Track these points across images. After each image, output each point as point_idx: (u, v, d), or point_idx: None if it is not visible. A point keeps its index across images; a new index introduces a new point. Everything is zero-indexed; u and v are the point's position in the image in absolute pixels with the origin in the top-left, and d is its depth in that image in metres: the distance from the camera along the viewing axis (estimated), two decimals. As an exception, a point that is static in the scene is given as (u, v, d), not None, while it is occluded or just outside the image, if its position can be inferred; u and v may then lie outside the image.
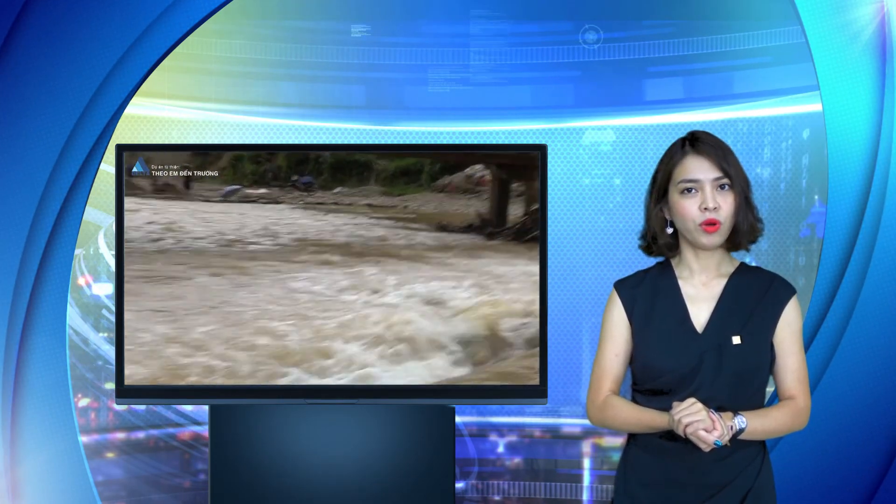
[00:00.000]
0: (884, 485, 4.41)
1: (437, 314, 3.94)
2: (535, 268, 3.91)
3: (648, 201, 2.87)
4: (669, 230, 2.83)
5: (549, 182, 3.85)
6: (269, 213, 3.94)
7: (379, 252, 3.95)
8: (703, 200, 2.76)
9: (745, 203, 2.77)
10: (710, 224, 2.75)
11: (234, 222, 3.93)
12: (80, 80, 4.34)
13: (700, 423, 2.64)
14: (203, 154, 3.90)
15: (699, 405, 2.66)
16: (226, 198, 3.91)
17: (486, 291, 3.95)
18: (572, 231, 5.11)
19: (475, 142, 5.03)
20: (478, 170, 3.96)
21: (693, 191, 2.77)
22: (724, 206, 2.76)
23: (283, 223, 3.95)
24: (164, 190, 3.90)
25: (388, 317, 3.92)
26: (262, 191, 3.94)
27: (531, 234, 3.93)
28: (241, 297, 3.90)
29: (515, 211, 3.94)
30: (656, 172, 2.85)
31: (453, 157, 3.98)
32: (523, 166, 3.93)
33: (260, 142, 5.06)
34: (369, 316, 3.91)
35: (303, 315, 3.90)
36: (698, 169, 2.77)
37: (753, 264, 2.93)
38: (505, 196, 3.96)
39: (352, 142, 5.08)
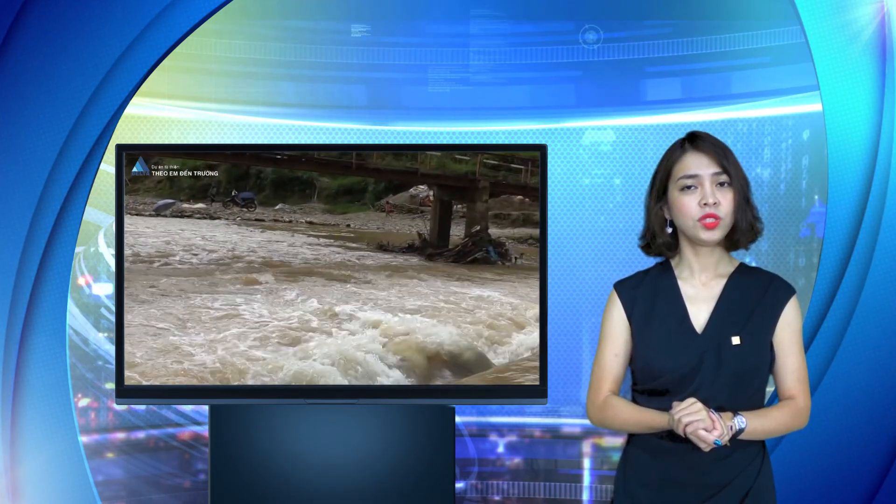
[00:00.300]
0: (885, 485, 4.41)
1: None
2: (472, 291, 3.90)
3: (648, 200, 2.88)
4: (669, 229, 2.84)
5: (549, 182, 3.85)
6: (203, 230, 3.90)
7: (309, 272, 3.91)
8: (703, 196, 2.76)
9: (744, 201, 2.78)
10: (710, 218, 2.75)
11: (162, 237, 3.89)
12: (80, 79, 4.34)
13: (700, 422, 2.64)
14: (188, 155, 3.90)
15: (699, 405, 2.66)
16: (158, 212, 3.88)
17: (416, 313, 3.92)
18: (572, 231, 5.11)
19: (475, 142, 5.03)
20: (421, 190, 3.97)
21: (693, 187, 2.78)
22: (723, 202, 2.76)
23: (215, 240, 3.91)
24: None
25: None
26: (199, 206, 3.90)
27: (472, 255, 3.92)
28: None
29: (457, 232, 3.93)
30: (656, 171, 2.86)
31: (399, 177, 3.97)
32: (463, 188, 3.94)
33: (260, 142, 5.06)
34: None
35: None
36: (698, 165, 2.78)
37: (753, 264, 2.93)
38: (447, 217, 3.94)
39: (352, 142, 5.08)
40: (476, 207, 3.92)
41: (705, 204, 2.76)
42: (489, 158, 3.96)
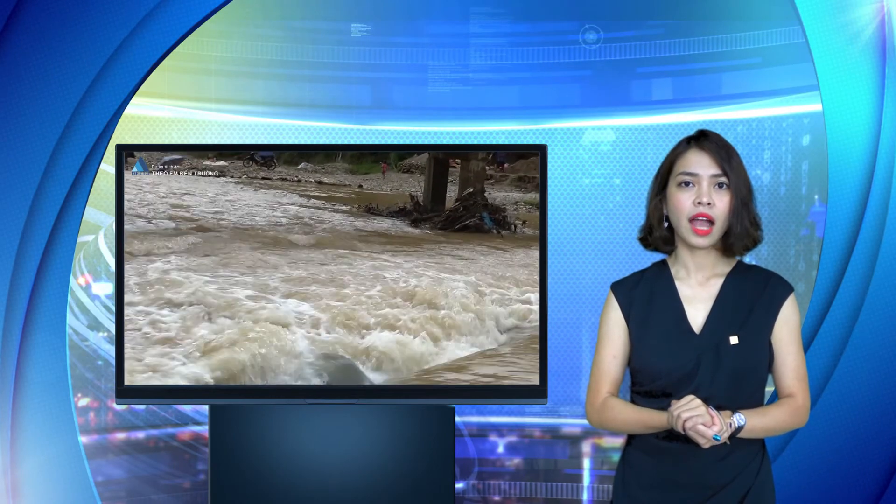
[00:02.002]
0: (890, 488, 4.40)
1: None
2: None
3: (650, 193, 2.88)
4: (665, 224, 2.84)
5: (549, 182, 3.85)
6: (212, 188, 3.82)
7: (275, 241, 3.78)
8: (699, 195, 2.76)
9: (741, 206, 2.77)
10: (702, 218, 2.75)
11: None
12: (74, 75, 4.33)
13: (699, 417, 2.64)
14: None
15: (698, 401, 2.66)
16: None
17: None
18: (572, 231, 5.11)
19: (475, 142, 5.03)
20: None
21: (690, 185, 2.78)
22: (719, 204, 2.76)
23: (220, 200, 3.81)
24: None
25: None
26: (220, 163, 3.81)
27: (461, 222, 3.72)
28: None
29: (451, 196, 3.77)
30: (661, 165, 2.86)
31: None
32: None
33: (260, 142, 5.06)
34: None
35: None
36: (698, 163, 2.78)
37: (752, 263, 2.93)
38: (443, 177, 3.72)
39: (352, 142, 5.08)
40: (469, 166, 3.66)
41: (699, 203, 2.75)
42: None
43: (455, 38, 5.15)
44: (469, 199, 3.64)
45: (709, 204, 2.75)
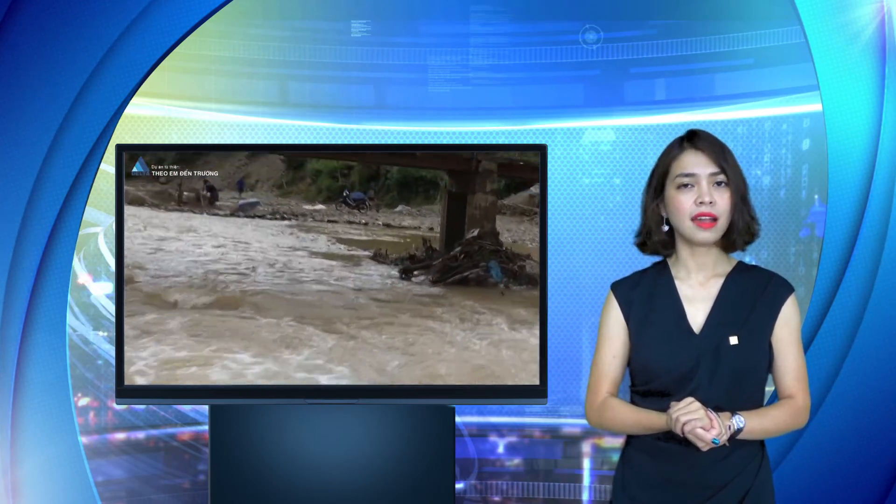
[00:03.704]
0: (894, 490, 4.40)
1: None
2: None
3: (645, 197, 2.88)
4: (665, 227, 2.84)
5: (549, 182, 3.85)
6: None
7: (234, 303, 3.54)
8: (699, 195, 2.76)
9: (740, 202, 2.78)
10: (705, 217, 2.75)
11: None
12: (73, 72, 4.33)
13: (698, 421, 2.64)
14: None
15: (697, 404, 2.66)
16: (242, 210, 3.50)
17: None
18: (572, 231, 5.11)
19: (475, 142, 5.03)
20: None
21: (690, 186, 2.78)
22: (720, 202, 2.76)
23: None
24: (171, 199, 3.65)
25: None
26: (318, 207, 3.43)
27: (457, 273, 3.18)
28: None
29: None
30: (654, 168, 2.86)
31: (395, 160, 3.49)
32: (461, 172, 3.31)
33: (260, 142, 5.06)
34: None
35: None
36: (696, 164, 2.78)
37: (752, 262, 2.93)
38: (459, 215, 3.20)
39: (352, 142, 5.08)
40: (476, 200, 3.07)
41: (701, 202, 2.76)
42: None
43: (455, 38, 5.15)
44: (473, 242, 3.02)
45: (710, 203, 2.75)
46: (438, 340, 3.55)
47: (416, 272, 3.17)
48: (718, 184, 2.77)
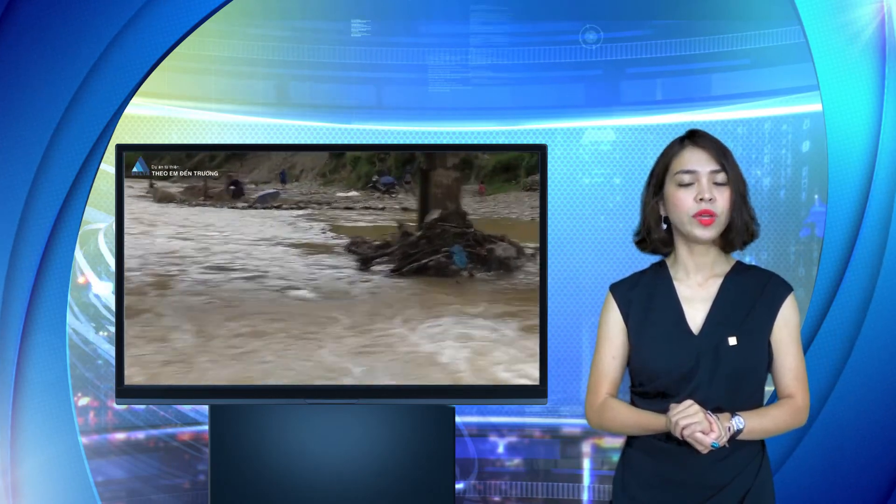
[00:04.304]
0: (895, 493, 4.40)
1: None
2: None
3: (645, 195, 2.88)
4: (664, 226, 2.84)
5: (550, 182, 3.84)
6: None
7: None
8: (700, 192, 2.76)
9: (740, 200, 2.78)
10: (705, 215, 2.75)
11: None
12: (72, 71, 4.32)
13: (697, 425, 2.64)
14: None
15: (696, 407, 2.66)
16: (262, 203, 3.43)
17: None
18: (572, 231, 5.11)
19: (475, 142, 5.03)
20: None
21: (690, 183, 2.78)
22: (719, 199, 2.76)
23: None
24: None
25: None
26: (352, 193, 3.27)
27: (416, 261, 2.95)
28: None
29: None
30: (654, 167, 2.87)
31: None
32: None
33: (260, 142, 5.06)
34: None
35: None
36: (696, 161, 2.78)
37: (752, 262, 2.93)
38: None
39: (352, 142, 5.07)
40: (434, 177, 2.81)
41: (701, 199, 2.76)
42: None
43: (455, 38, 5.15)
44: (435, 226, 2.73)
45: (710, 200, 2.75)
46: (362, 339, 3.51)
47: (376, 261, 2.91)
48: (718, 182, 2.77)
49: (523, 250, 3.04)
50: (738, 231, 2.79)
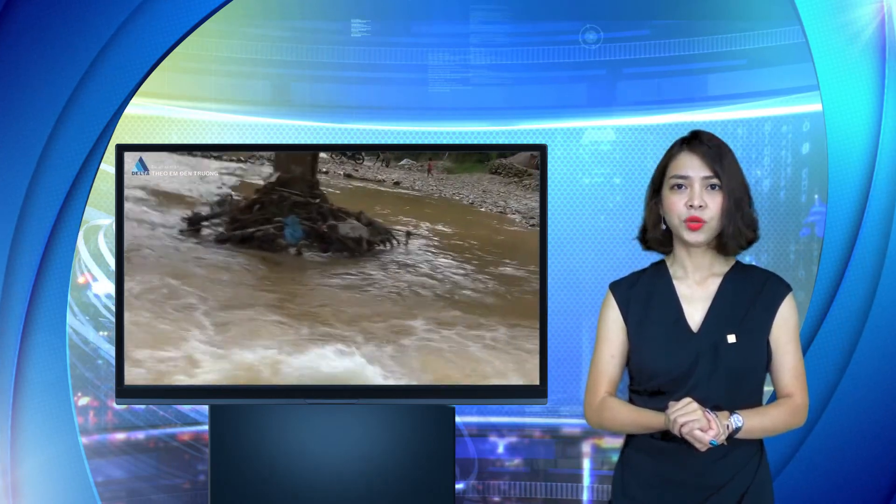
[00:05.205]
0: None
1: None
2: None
3: (647, 195, 2.89)
4: (662, 226, 2.85)
5: (549, 182, 3.85)
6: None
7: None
8: (690, 198, 2.77)
9: (734, 206, 2.76)
10: (693, 221, 2.76)
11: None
12: (71, 70, 4.32)
13: (695, 422, 2.64)
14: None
15: (695, 405, 2.66)
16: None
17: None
18: (572, 231, 5.11)
19: (475, 142, 5.03)
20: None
21: (683, 187, 2.78)
22: (711, 205, 2.76)
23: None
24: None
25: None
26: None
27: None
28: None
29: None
30: (657, 167, 2.87)
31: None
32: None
33: (260, 142, 5.06)
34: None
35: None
36: (689, 166, 2.78)
37: (752, 262, 2.93)
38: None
39: (352, 142, 5.07)
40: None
41: (691, 206, 2.76)
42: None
43: (455, 38, 5.15)
44: (273, 191, 2.27)
45: (700, 206, 2.76)
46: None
47: (204, 224, 2.51)
48: (712, 187, 2.77)
49: (392, 233, 2.65)
50: (729, 237, 2.78)
